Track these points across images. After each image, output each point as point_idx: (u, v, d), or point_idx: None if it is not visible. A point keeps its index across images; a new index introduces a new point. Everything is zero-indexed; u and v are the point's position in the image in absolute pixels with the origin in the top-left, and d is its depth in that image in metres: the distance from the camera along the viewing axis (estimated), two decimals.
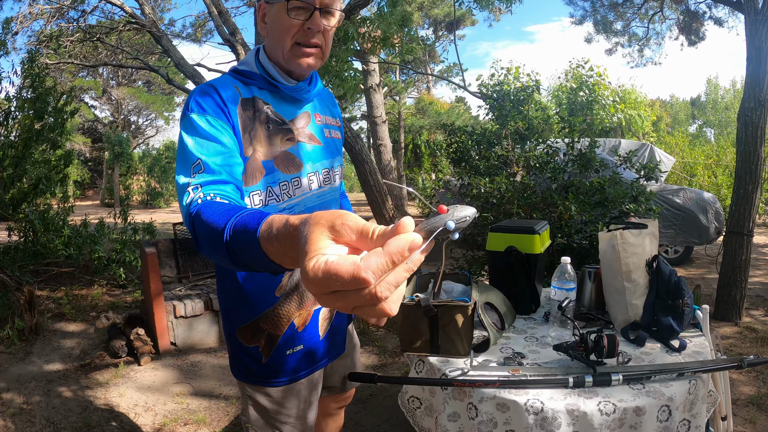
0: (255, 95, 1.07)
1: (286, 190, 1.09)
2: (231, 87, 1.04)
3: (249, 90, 1.07)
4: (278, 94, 1.10)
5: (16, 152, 4.72)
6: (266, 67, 1.09)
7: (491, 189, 3.31)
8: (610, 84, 12.71)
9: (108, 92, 18.79)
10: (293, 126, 1.11)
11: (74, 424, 2.47)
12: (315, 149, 1.15)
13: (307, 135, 1.14)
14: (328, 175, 1.18)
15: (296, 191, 1.10)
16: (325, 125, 1.21)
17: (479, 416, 1.28)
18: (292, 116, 1.12)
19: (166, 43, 7.41)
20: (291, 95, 1.11)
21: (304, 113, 1.15)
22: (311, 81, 1.16)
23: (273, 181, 1.06)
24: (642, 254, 1.62)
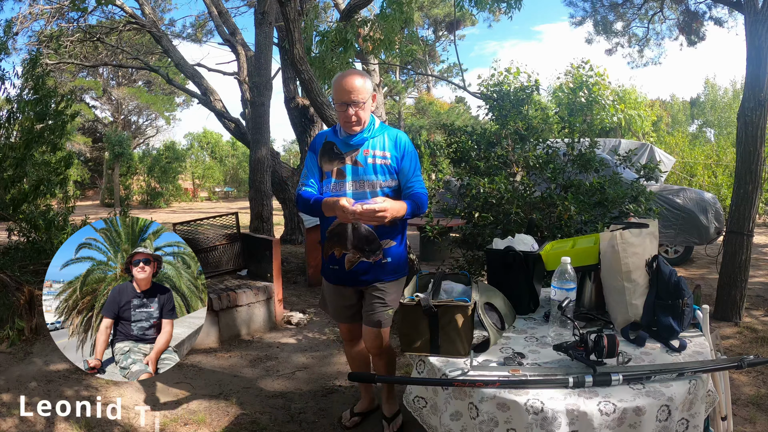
0: (331, 140, 2.10)
1: (336, 187, 2.07)
2: (322, 136, 2.16)
3: (331, 137, 2.12)
4: (341, 140, 2.10)
5: (16, 153, 4.72)
6: (337, 127, 2.16)
7: (491, 189, 3.30)
8: (610, 84, 12.71)
9: (108, 92, 18.81)
10: (346, 155, 2.06)
11: (74, 425, 2.47)
12: (355, 169, 2.06)
13: (353, 160, 2.06)
14: (362, 184, 2.06)
15: (340, 189, 2.06)
16: (373, 156, 2.07)
17: (480, 416, 1.28)
18: (347, 150, 2.07)
19: (166, 44, 7.42)
20: (345, 141, 2.09)
21: (356, 150, 2.07)
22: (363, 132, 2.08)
23: (329, 181, 2.09)
24: (642, 254, 1.62)
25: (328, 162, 2.07)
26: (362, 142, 2.07)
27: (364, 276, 2.11)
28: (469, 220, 3.52)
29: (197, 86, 8.04)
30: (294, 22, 3.59)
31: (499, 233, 3.16)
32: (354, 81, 1.99)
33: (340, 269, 2.08)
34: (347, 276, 2.10)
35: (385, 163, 2.07)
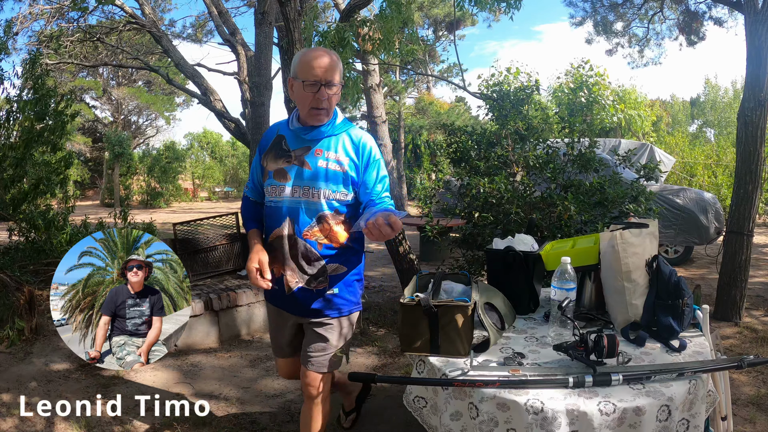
0: (282, 133, 1.76)
1: (275, 191, 1.72)
2: (276, 128, 1.82)
3: (283, 130, 1.77)
4: (293, 133, 1.74)
5: (16, 153, 4.72)
6: (293, 116, 1.77)
7: (491, 189, 3.30)
8: (610, 84, 12.71)
9: (108, 92, 18.80)
10: (293, 153, 1.71)
11: (74, 425, 2.47)
12: (303, 171, 1.68)
13: (301, 162, 1.69)
14: (306, 191, 1.68)
15: (278, 194, 1.71)
16: (325, 158, 1.68)
17: (480, 416, 1.28)
18: (297, 146, 1.71)
19: (166, 44, 7.42)
20: (298, 134, 1.72)
21: (306, 147, 1.70)
22: (321, 126, 1.69)
23: (269, 183, 1.75)
24: (642, 254, 1.62)
25: (273, 159, 1.73)
26: (317, 139, 1.68)
27: (306, 306, 1.74)
28: (469, 220, 3.52)
29: (197, 86, 8.04)
30: (294, 22, 3.58)
31: (499, 233, 3.16)
32: (329, 57, 1.62)
33: (281, 290, 1.74)
34: (287, 301, 1.77)
35: (339, 170, 1.66)
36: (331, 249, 1.69)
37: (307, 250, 1.68)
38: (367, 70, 10.86)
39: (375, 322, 4.06)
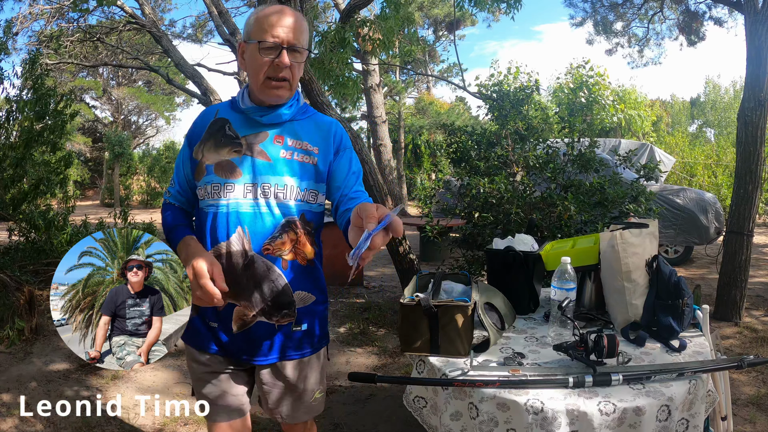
0: (224, 116, 1.32)
1: (216, 192, 1.26)
2: (212, 111, 1.36)
3: (224, 112, 1.33)
4: (242, 116, 1.31)
5: (16, 153, 4.72)
6: (241, 94, 1.33)
7: (491, 189, 3.30)
8: (610, 84, 12.71)
9: (108, 92, 18.80)
10: (244, 141, 1.28)
11: (74, 425, 2.47)
12: (260, 164, 1.26)
13: (256, 151, 1.27)
14: (266, 190, 1.25)
15: (228, 195, 1.25)
16: (288, 147, 1.29)
17: (480, 416, 1.28)
18: (249, 131, 1.29)
19: (166, 44, 7.41)
20: (251, 116, 1.30)
21: (263, 133, 1.29)
22: (283, 107, 1.29)
23: (206, 181, 1.28)
24: (642, 254, 1.62)
25: (213, 149, 1.27)
26: (277, 123, 1.29)
27: (263, 348, 1.31)
28: (469, 220, 3.52)
29: (197, 86, 8.04)
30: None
31: (499, 233, 3.16)
32: (294, 15, 1.24)
33: (222, 329, 1.29)
34: (235, 342, 1.30)
35: (309, 162, 1.29)
36: (297, 268, 1.28)
37: (268, 269, 1.24)
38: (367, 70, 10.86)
39: (375, 322, 4.06)
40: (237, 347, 1.32)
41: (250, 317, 1.27)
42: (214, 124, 1.31)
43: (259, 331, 1.29)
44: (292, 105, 1.31)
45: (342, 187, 1.31)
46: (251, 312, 1.27)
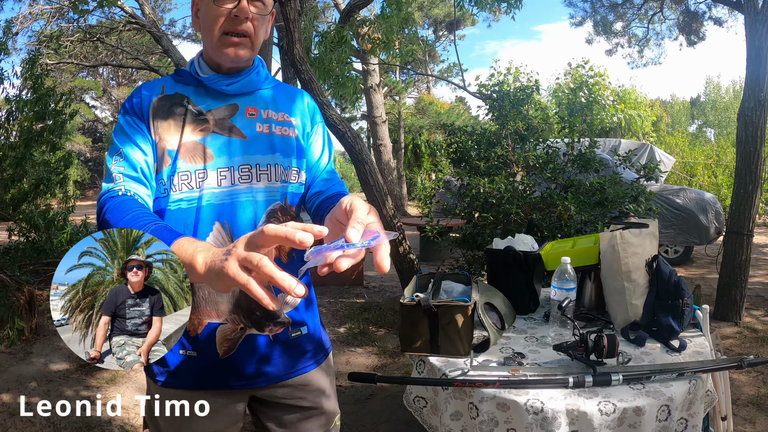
0: (177, 91, 1.08)
1: (187, 181, 1.02)
2: (156, 86, 1.08)
3: (174, 87, 1.08)
4: (201, 88, 1.09)
5: (16, 153, 4.73)
6: (195, 63, 1.10)
7: (491, 189, 3.31)
8: (610, 84, 12.72)
9: (108, 92, 18.81)
10: (210, 117, 1.06)
11: (74, 424, 2.47)
12: (234, 143, 1.05)
13: (227, 127, 1.06)
14: (248, 173, 1.05)
15: (202, 183, 1.02)
16: (263, 120, 1.09)
17: (480, 416, 1.28)
18: (215, 105, 1.08)
19: (166, 43, 7.41)
20: (213, 87, 1.08)
21: (230, 105, 1.08)
22: (251, 73, 1.10)
23: (173, 171, 1.02)
24: (642, 254, 1.62)
25: (172, 131, 1.04)
26: (245, 92, 1.10)
27: (260, 365, 1.08)
28: (469, 220, 3.52)
29: None
30: (294, 22, 3.58)
31: (499, 233, 3.16)
32: None
33: (203, 356, 1.05)
34: (219, 371, 1.06)
35: (290, 134, 1.12)
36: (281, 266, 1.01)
37: None
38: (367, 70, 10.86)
39: (375, 322, 4.06)
40: (225, 377, 1.06)
41: (238, 332, 1.04)
42: (166, 101, 1.06)
43: (252, 349, 1.06)
44: (256, 71, 1.11)
45: (315, 165, 1.16)
46: (238, 326, 1.04)
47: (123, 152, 0.99)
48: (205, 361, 1.05)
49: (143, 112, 1.04)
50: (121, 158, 0.98)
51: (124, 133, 1.02)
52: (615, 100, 12.45)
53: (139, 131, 1.02)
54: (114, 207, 0.89)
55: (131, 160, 0.99)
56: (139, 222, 0.87)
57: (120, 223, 0.87)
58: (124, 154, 0.99)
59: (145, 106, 1.05)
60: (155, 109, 1.05)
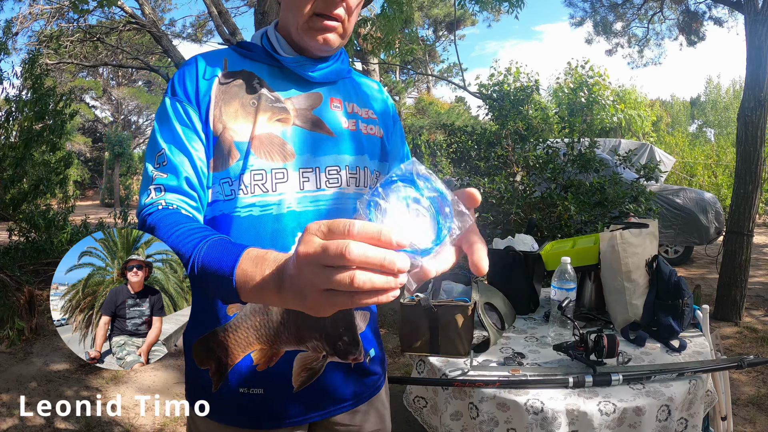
0: (245, 68, 0.89)
1: (261, 182, 0.84)
2: (217, 59, 0.89)
3: (241, 63, 0.90)
4: (278, 70, 0.91)
5: (16, 153, 4.73)
6: (271, 38, 0.91)
7: (491, 189, 3.31)
8: (610, 84, 12.72)
9: (108, 92, 18.81)
10: (290, 105, 0.89)
11: (74, 425, 2.47)
12: (320, 139, 0.89)
13: (310, 120, 0.89)
14: (336, 175, 0.89)
15: (278, 186, 0.85)
16: (349, 114, 0.94)
17: (480, 416, 1.28)
18: (292, 95, 0.90)
19: (166, 43, 7.41)
20: (295, 72, 0.90)
21: (314, 94, 0.92)
22: (338, 59, 0.96)
23: (244, 167, 0.83)
24: (642, 254, 1.62)
25: (241, 117, 0.85)
26: (329, 81, 0.94)
27: (335, 398, 0.94)
28: None
29: None
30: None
31: (499, 233, 3.17)
32: None
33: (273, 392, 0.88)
34: (289, 405, 0.90)
35: (376, 134, 0.98)
36: None
37: None
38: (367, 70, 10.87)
39: None
40: (296, 408, 0.91)
41: (320, 360, 0.89)
42: (232, 78, 0.87)
43: (330, 375, 0.91)
44: (344, 57, 0.97)
45: None
46: (321, 353, 0.89)
47: (165, 155, 0.81)
48: (273, 397, 0.88)
49: (199, 93, 0.85)
50: (163, 162, 0.80)
51: (168, 125, 0.83)
52: (615, 100, 12.45)
53: (189, 124, 0.83)
54: (158, 222, 0.75)
55: (175, 166, 0.80)
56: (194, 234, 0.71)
57: (170, 238, 0.75)
58: (168, 158, 0.81)
59: (204, 85, 0.85)
60: (219, 88, 0.86)
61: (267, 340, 0.86)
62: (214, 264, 0.64)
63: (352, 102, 0.97)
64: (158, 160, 0.81)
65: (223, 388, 0.89)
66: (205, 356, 0.89)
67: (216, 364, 0.89)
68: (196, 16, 12.30)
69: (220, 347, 0.88)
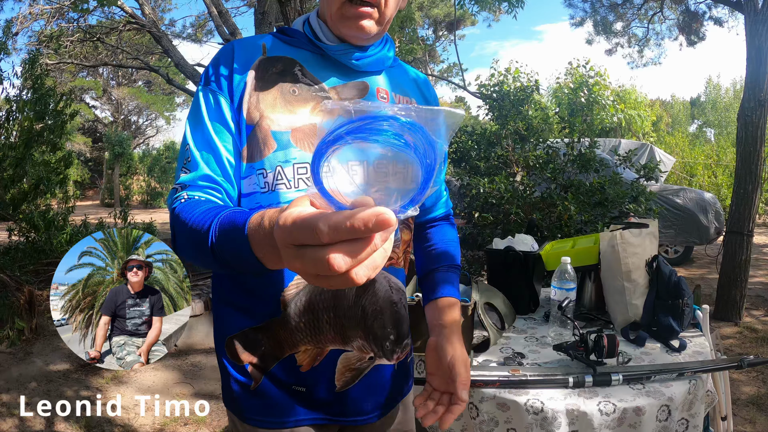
0: (287, 55, 0.85)
1: (306, 176, 0.79)
2: (256, 45, 0.85)
3: (282, 49, 0.86)
4: (321, 57, 0.87)
5: (16, 153, 4.73)
6: (313, 25, 0.87)
7: (491, 189, 3.31)
8: (610, 84, 12.72)
9: (108, 92, 18.81)
10: (334, 94, 0.85)
11: (74, 425, 2.47)
12: None
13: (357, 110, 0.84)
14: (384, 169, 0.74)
15: None
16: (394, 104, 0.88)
17: (480, 416, 1.28)
18: (336, 84, 0.86)
19: (166, 43, 7.42)
20: (339, 60, 0.86)
21: (360, 83, 0.87)
22: (384, 47, 0.90)
23: (285, 159, 0.79)
24: (642, 254, 1.62)
25: (282, 106, 0.82)
26: (375, 71, 0.91)
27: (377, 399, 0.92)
28: (469, 220, 3.53)
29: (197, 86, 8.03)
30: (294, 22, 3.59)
31: (499, 233, 3.17)
32: None
33: (315, 390, 0.86)
34: (330, 406, 0.88)
35: None
36: (401, 277, 0.94)
37: (391, 288, 0.88)
38: None
39: None
40: (337, 407, 0.88)
41: (366, 362, 0.86)
42: (271, 66, 0.83)
43: (375, 376, 0.89)
44: (389, 45, 0.92)
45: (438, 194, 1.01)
46: (367, 354, 0.86)
47: (191, 152, 0.79)
48: (315, 396, 0.86)
49: (233, 81, 0.81)
50: (188, 159, 0.79)
51: (198, 120, 0.80)
52: (615, 100, 12.45)
53: (220, 117, 0.80)
54: (182, 208, 0.72)
55: (198, 165, 0.78)
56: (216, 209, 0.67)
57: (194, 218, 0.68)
58: (192, 156, 0.78)
59: (239, 72, 0.81)
60: (256, 75, 0.82)
61: (312, 339, 0.84)
62: (229, 223, 0.60)
63: (399, 93, 0.92)
64: (185, 155, 0.80)
65: (264, 386, 0.86)
66: (244, 349, 0.86)
67: (260, 356, 0.86)
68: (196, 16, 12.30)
69: (263, 343, 0.85)
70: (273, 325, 0.84)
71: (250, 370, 0.86)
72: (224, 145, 0.80)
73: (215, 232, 0.61)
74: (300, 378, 0.86)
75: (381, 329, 0.85)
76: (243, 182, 0.82)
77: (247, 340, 0.86)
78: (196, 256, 0.68)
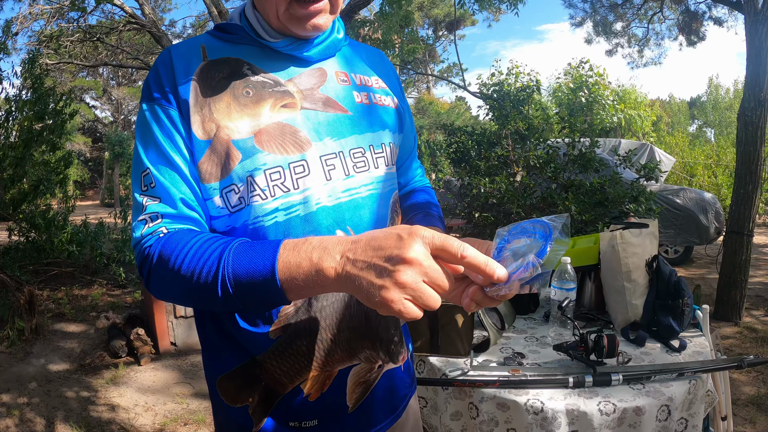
0: (230, 55, 0.76)
1: (279, 181, 0.72)
2: (193, 49, 0.76)
3: (223, 49, 0.77)
4: (269, 50, 0.78)
5: (16, 153, 4.73)
6: (251, 21, 0.78)
7: (491, 189, 3.31)
8: (610, 84, 12.72)
9: (108, 92, 18.81)
10: (292, 86, 0.77)
11: (74, 425, 2.47)
12: (336, 120, 0.78)
13: (320, 99, 0.78)
14: (362, 157, 0.79)
15: (300, 181, 0.73)
16: (359, 87, 0.83)
17: (480, 416, 1.28)
18: (292, 75, 0.78)
19: (167, 44, 7.41)
20: (288, 54, 0.78)
21: (316, 70, 0.80)
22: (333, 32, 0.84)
23: (254, 167, 0.71)
24: (642, 254, 1.62)
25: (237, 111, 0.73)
26: (331, 53, 0.83)
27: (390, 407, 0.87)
28: (469, 220, 3.53)
29: None
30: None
31: None
32: None
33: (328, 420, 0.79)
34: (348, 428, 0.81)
35: (391, 104, 0.88)
36: None
37: None
38: None
39: None
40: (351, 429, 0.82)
41: (375, 371, 0.81)
42: (215, 70, 0.74)
43: (385, 382, 0.83)
44: (339, 27, 0.85)
45: (409, 166, 0.99)
46: (375, 363, 0.80)
47: (153, 175, 0.70)
48: (329, 426, 0.79)
49: (178, 93, 0.72)
50: (151, 184, 0.70)
51: (152, 138, 0.71)
52: (615, 100, 12.45)
53: (173, 131, 0.71)
54: (163, 248, 0.65)
55: (165, 189, 0.70)
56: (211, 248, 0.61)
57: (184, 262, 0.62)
58: (156, 179, 0.70)
59: (181, 84, 0.72)
60: (201, 84, 0.73)
61: (318, 364, 0.75)
62: (249, 268, 0.57)
63: (358, 73, 0.86)
64: (145, 182, 0.70)
65: (268, 427, 0.77)
66: (240, 391, 0.77)
67: (260, 395, 0.77)
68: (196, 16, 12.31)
69: (262, 378, 0.76)
70: (272, 356, 0.75)
71: (250, 411, 0.78)
72: (184, 161, 0.71)
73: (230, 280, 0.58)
74: (310, 410, 0.77)
75: (386, 332, 0.79)
76: (208, 204, 0.73)
77: (245, 377, 0.77)
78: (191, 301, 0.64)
